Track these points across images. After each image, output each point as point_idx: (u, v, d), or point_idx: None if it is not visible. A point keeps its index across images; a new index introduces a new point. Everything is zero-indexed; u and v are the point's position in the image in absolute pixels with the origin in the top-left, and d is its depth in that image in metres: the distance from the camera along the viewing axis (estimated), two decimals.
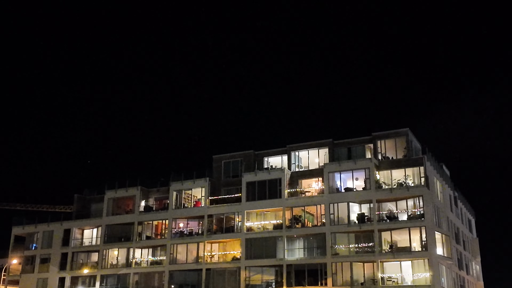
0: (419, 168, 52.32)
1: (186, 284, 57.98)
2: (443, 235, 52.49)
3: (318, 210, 54.56)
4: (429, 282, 47.85)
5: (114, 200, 65.59)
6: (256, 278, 54.90)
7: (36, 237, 69.00)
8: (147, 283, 60.23)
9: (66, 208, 71.31)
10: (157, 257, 60.95)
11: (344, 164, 54.28)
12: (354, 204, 53.29)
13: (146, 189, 64.84)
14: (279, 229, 54.70)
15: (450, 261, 53.17)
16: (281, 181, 55.75)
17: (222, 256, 57.94)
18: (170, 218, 60.82)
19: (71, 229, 66.72)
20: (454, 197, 64.03)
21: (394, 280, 50.28)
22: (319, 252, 52.78)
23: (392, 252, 50.33)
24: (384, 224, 51.14)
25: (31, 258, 68.35)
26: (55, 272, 65.47)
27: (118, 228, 63.57)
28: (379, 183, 53.04)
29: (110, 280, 62.32)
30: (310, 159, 58.77)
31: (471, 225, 74.81)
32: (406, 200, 51.98)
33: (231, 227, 57.73)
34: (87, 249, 65.70)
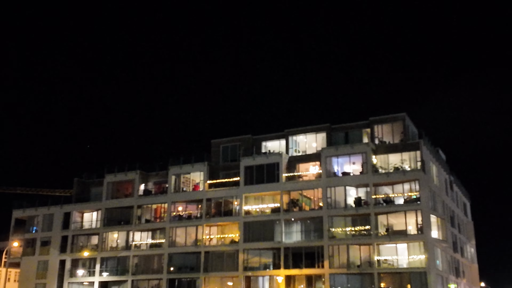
0: (415, 153, 52.87)
1: (185, 267, 58.82)
2: (438, 219, 53.27)
3: (316, 194, 55.23)
4: (424, 265, 48.69)
5: (114, 184, 66.15)
6: (254, 261, 55.74)
7: (37, 220, 69.67)
8: (146, 266, 61.08)
9: (65, 192, 71.87)
10: (156, 240, 61.71)
11: (342, 148, 54.80)
12: (351, 188, 53.95)
13: (145, 173, 65.37)
14: (277, 212, 55.39)
15: (445, 244, 54.02)
16: (279, 165, 56.30)
17: (220, 239, 58.72)
18: (169, 202, 61.47)
19: (71, 213, 67.39)
20: (450, 181, 64.73)
21: (390, 262, 51.14)
22: (316, 235, 53.53)
23: (388, 235, 51.11)
24: (380, 207, 51.85)
25: (32, 241, 69.10)
26: (55, 255, 66.28)
27: (117, 211, 64.24)
28: (376, 167, 53.63)
29: (110, 263, 63.17)
30: (307, 144, 59.28)
31: (466, 208, 75.70)
32: (403, 184, 52.61)
33: (229, 211, 58.41)
34: (87, 232, 66.44)
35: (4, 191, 75.18)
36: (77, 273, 63.95)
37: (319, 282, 52.31)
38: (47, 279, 65.49)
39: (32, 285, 65.11)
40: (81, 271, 63.70)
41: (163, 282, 58.61)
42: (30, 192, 74.74)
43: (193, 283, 57.97)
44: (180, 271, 58.84)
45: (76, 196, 69.44)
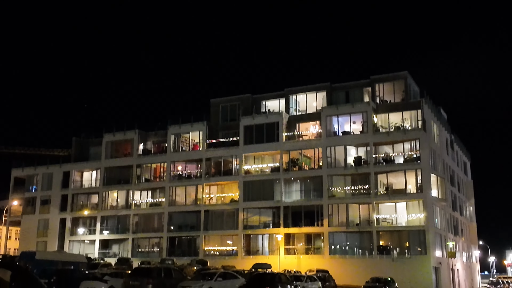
0: (416, 112, 52.35)
1: (185, 225, 59.20)
2: (438, 178, 53.22)
3: (315, 154, 54.98)
4: (423, 223, 48.93)
5: (112, 144, 65.84)
6: (253, 220, 56.04)
7: (36, 180, 69.72)
8: (146, 224, 61.48)
9: (64, 152, 71.61)
10: (156, 199, 61.88)
11: (342, 107, 54.21)
12: (351, 147, 53.67)
13: (144, 133, 64.95)
14: (277, 172, 55.29)
15: (444, 202, 54.18)
16: (279, 125, 55.82)
17: (220, 198, 58.84)
18: (168, 161, 61.30)
19: (70, 172, 67.35)
20: (451, 140, 64.43)
21: (389, 221, 51.39)
22: (315, 195, 53.60)
23: (387, 194, 51.18)
24: (380, 167, 51.71)
25: (32, 199, 69.35)
26: (56, 213, 66.62)
27: (117, 171, 64.15)
28: (377, 126, 53.19)
29: (110, 221, 63.58)
30: (308, 103, 58.63)
31: (466, 167, 75.74)
32: (403, 143, 52.32)
33: (229, 170, 58.30)
34: (87, 191, 66.57)
35: (3, 151, 74.83)
36: (77, 231, 64.41)
37: (318, 240, 52.73)
38: (48, 237, 66.04)
39: (33, 243, 65.62)
40: (82, 229, 64.14)
41: (164, 240, 59.09)
42: (29, 152, 74.43)
43: (193, 241, 58.47)
44: (180, 229, 59.27)
45: (75, 155, 69.27)
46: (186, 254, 56.34)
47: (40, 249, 60.31)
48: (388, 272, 43.61)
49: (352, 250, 51.12)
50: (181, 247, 58.78)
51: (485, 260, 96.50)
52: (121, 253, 60.69)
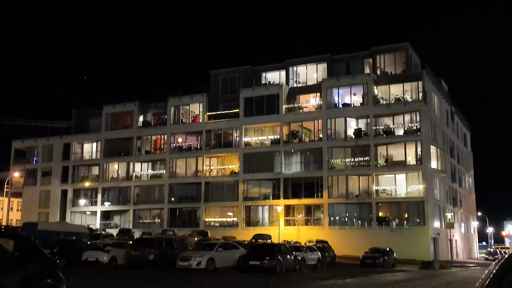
0: (417, 83, 52.14)
1: (185, 197, 59.57)
2: (438, 149, 53.33)
3: (316, 126, 54.94)
4: (422, 194, 49.22)
5: (112, 115, 65.75)
6: (254, 191, 56.36)
7: (36, 151, 69.86)
8: (147, 196, 61.87)
9: (64, 123, 71.58)
10: (157, 171, 62.11)
11: (343, 79, 53.94)
12: (351, 119, 53.62)
13: (144, 104, 64.79)
14: (277, 144, 55.35)
15: (443, 174, 54.41)
16: (279, 97, 55.64)
17: (220, 170, 59.05)
18: (168, 133, 61.32)
19: (70, 144, 67.42)
20: (451, 111, 64.34)
21: (388, 192, 51.70)
22: (315, 166, 53.77)
23: (387, 166, 51.34)
24: (380, 138, 51.75)
25: (33, 171, 69.61)
26: (57, 185, 66.95)
27: (117, 142, 64.21)
28: (377, 98, 53.04)
29: (111, 193, 63.93)
30: (308, 75, 58.31)
31: (466, 139, 75.80)
32: (403, 115, 52.25)
33: (229, 142, 58.37)
34: (88, 163, 66.78)
35: (3, 122, 74.85)
36: (79, 202, 64.82)
37: (318, 212, 53.13)
38: (50, 209, 66.51)
39: (35, 214, 66.11)
40: (83, 200, 64.56)
41: (165, 212, 59.55)
42: (29, 123, 74.50)
43: (194, 212, 58.92)
44: (181, 201, 59.67)
45: (75, 127, 69.26)
46: (187, 225, 56.83)
47: (42, 220, 60.75)
48: (387, 243, 44.03)
49: (352, 221, 51.57)
50: (182, 218, 59.28)
51: (483, 231, 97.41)
52: (122, 224, 61.23)
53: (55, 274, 9.87)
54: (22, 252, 9.90)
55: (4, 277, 8.84)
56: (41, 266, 9.63)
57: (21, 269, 9.21)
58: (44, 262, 9.82)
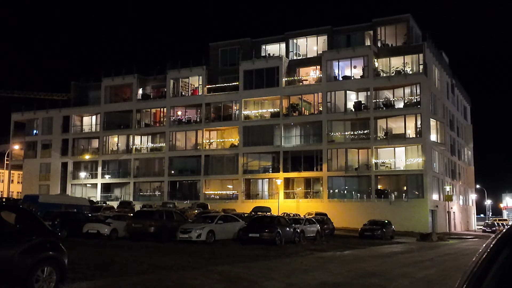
0: (418, 55, 51.79)
1: (185, 170, 59.78)
2: (437, 122, 53.31)
3: (315, 99, 54.79)
4: (421, 167, 49.39)
5: (112, 88, 65.48)
6: (253, 164, 56.53)
7: (36, 124, 69.82)
8: (147, 169, 62.08)
9: (63, 96, 71.28)
10: (157, 144, 62.19)
11: (343, 51, 53.56)
12: (351, 92, 53.45)
13: (143, 77, 64.48)
14: (276, 117, 55.29)
15: (443, 147, 54.51)
16: (279, 69, 55.35)
17: (220, 143, 59.12)
18: (168, 106, 61.18)
19: (70, 116, 67.32)
20: (452, 84, 64.08)
21: (387, 165, 51.87)
22: (315, 139, 53.83)
23: (386, 139, 51.37)
24: (380, 111, 51.66)
25: (33, 144, 69.68)
26: (57, 158, 67.09)
27: (116, 115, 64.11)
28: (377, 71, 52.77)
29: (111, 165, 64.13)
30: (308, 47, 57.88)
31: (466, 112, 75.70)
32: (403, 88, 52.06)
33: (228, 115, 58.28)
34: (87, 135, 66.82)
35: (1, 94, 74.49)
36: (79, 175, 65.07)
37: (317, 185, 53.40)
38: (50, 181, 66.79)
39: (35, 187, 66.47)
40: (84, 173, 64.80)
41: (165, 184, 59.83)
42: (27, 95, 74.14)
43: (194, 185, 59.21)
44: (181, 174, 59.90)
45: (74, 100, 69.04)
46: (187, 198, 57.20)
47: (42, 192, 61.10)
48: (386, 215, 44.41)
49: (351, 194, 51.88)
50: (182, 191, 59.61)
51: (482, 203, 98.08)
52: (123, 196, 61.58)
53: (57, 246, 9.98)
54: (23, 225, 9.99)
55: (7, 250, 8.94)
56: (42, 238, 9.73)
57: (23, 241, 9.30)
58: (45, 234, 9.91)
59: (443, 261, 20.94)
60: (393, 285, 12.88)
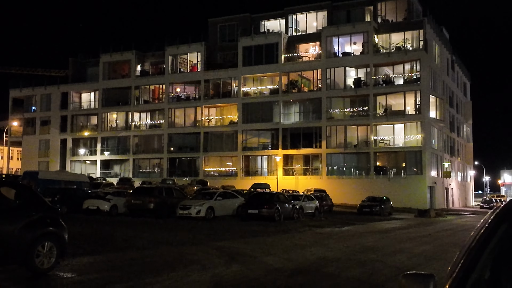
0: (418, 31, 51.44)
1: (185, 147, 59.82)
2: (437, 99, 53.22)
3: (315, 75, 54.56)
4: (420, 144, 49.47)
5: (110, 64, 65.07)
6: (252, 141, 56.56)
7: (34, 100, 69.60)
8: (147, 145, 62.10)
9: (61, 72, 70.85)
10: (156, 120, 62.08)
11: (343, 27, 53.13)
12: (351, 69, 53.18)
13: (141, 53, 64.03)
14: (276, 94, 55.12)
15: (442, 123, 54.51)
16: (278, 46, 54.95)
17: (219, 120, 59.04)
18: (166, 83, 60.90)
19: (68, 93, 67.07)
20: (452, 60, 63.76)
21: (387, 142, 51.93)
22: (314, 116, 53.76)
23: (386, 115, 51.34)
24: (380, 88, 51.51)
25: (31, 120, 69.56)
26: (56, 134, 67.04)
27: (115, 92, 63.83)
28: (377, 47, 52.43)
29: (110, 142, 64.12)
30: (308, 23, 57.38)
31: (466, 88, 75.48)
32: (403, 64, 51.83)
33: (227, 92, 58.08)
34: (86, 112, 66.64)
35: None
36: (79, 152, 65.10)
37: (316, 161, 53.52)
38: (50, 158, 66.85)
39: (35, 163, 66.56)
40: (83, 150, 64.82)
41: (164, 161, 59.93)
42: (26, 72, 73.62)
43: (193, 162, 59.33)
44: (180, 150, 59.94)
45: (73, 76, 68.66)
46: (186, 175, 57.35)
47: (42, 169, 61.21)
48: (384, 192, 44.63)
49: (349, 171, 52.04)
50: (181, 168, 59.74)
51: (480, 179, 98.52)
52: (122, 173, 61.75)
53: (57, 222, 10.03)
54: (23, 201, 10.03)
55: (7, 225, 8.98)
56: (42, 214, 9.77)
57: (23, 217, 9.34)
58: (45, 210, 9.95)
59: (441, 237, 21.11)
60: (392, 260, 13.00)
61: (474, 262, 2.55)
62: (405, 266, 11.89)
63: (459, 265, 2.61)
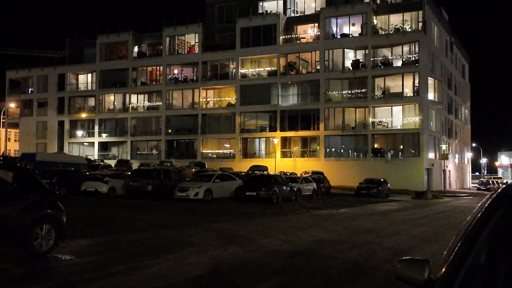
0: (417, 12, 51.13)
1: (182, 129, 59.74)
2: (435, 81, 53.11)
3: (313, 57, 54.32)
4: (417, 126, 49.50)
5: (107, 45, 64.62)
6: (250, 123, 56.50)
7: (31, 82, 69.25)
8: (144, 127, 62.01)
9: (58, 53, 70.38)
10: (153, 102, 61.91)
11: (341, 8, 52.75)
12: (349, 50, 52.93)
13: (139, 34, 63.58)
14: (274, 75, 54.92)
15: (440, 105, 54.48)
16: (276, 27, 54.59)
17: (217, 102, 58.90)
18: (164, 65, 60.59)
19: (65, 74, 66.71)
20: (451, 42, 63.47)
21: (384, 124, 51.96)
22: (312, 98, 53.66)
23: (384, 97, 51.27)
24: (378, 70, 51.34)
25: (28, 102, 69.31)
26: (53, 116, 66.85)
27: (112, 73, 63.52)
28: (376, 28, 52.12)
29: (108, 124, 63.98)
30: (306, 4, 56.97)
31: (465, 70, 75.27)
32: (402, 46, 51.60)
33: (225, 74, 57.84)
34: (83, 94, 66.36)
35: None
36: (76, 133, 65.03)
37: (314, 144, 53.56)
38: (47, 139, 66.78)
39: (32, 145, 66.50)
40: (80, 132, 64.73)
41: (162, 143, 59.92)
42: (22, 52, 73.05)
43: (191, 144, 59.34)
44: (178, 132, 59.88)
45: (69, 57, 68.26)
46: (184, 157, 57.37)
47: (39, 150, 61.17)
48: (382, 174, 44.75)
49: (347, 153, 52.13)
50: (179, 150, 59.77)
51: (477, 161, 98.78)
52: (120, 155, 61.75)
53: (55, 204, 10.05)
54: (21, 183, 10.03)
55: (4, 208, 9.00)
56: (40, 197, 9.78)
57: (21, 199, 9.36)
58: (43, 193, 9.97)
59: (438, 219, 21.24)
60: (388, 242, 13.09)
61: (470, 247, 2.57)
62: (402, 248, 11.99)
63: (455, 249, 2.62)
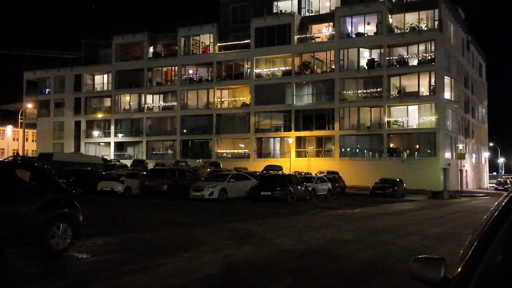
0: (433, 11, 50.68)
1: (197, 129, 59.93)
2: (452, 80, 52.59)
3: (328, 56, 54.12)
4: (434, 125, 49.06)
5: (122, 46, 65.09)
6: (265, 123, 56.49)
7: (48, 83, 70.00)
8: (160, 127, 62.32)
9: (74, 54, 71.06)
10: (168, 102, 62.20)
11: (356, 7, 52.48)
12: (364, 49, 52.65)
13: (154, 35, 63.92)
14: (288, 75, 54.84)
15: (456, 105, 53.94)
16: (291, 27, 54.50)
17: (231, 102, 58.98)
18: (179, 65, 60.84)
19: (81, 75, 67.33)
20: (467, 41, 62.80)
21: (400, 123, 51.58)
22: (327, 98, 53.47)
23: (399, 97, 50.91)
24: (393, 69, 50.99)
25: (46, 102, 70.04)
26: (70, 116, 67.49)
27: (128, 74, 63.95)
28: (391, 27, 51.78)
29: (124, 124, 64.44)
30: (321, 3, 56.78)
31: (482, 69, 74.44)
32: (418, 45, 51.19)
33: (240, 74, 57.90)
34: (99, 94, 66.91)
35: (12, 52, 74.41)
36: (92, 134, 65.55)
37: (329, 143, 53.38)
38: (64, 139, 67.42)
39: (49, 145, 67.16)
40: (97, 132, 65.23)
41: (177, 143, 60.15)
42: (38, 54, 73.94)
43: (205, 144, 59.49)
44: (193, 132, 60.09)
45: (85, 58, 68.83)
46: (199, 156, 57.55)
47: (56, 150, 61.71)
48: (397, 174, 44.43)
49: (362, 153, 51.86)
50: (194, 150, 59.95)
51: (495, 161, 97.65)
52: (135, 155, 62.13)
53: (71, 203, 10.14)
54: (38, 183, 10.13)
55: (22, 207, 9.10)
56: (57, 196, 9.87)
57: (38, 199, 9.45)
58: (59, 192, 10.05)
59: (453, 219, 21.03)
60: (403, 242, 12.99)
61: (487, 245, 2.53)
62: (417, 249, 11.88)
63: (472, 248, 2.59)
